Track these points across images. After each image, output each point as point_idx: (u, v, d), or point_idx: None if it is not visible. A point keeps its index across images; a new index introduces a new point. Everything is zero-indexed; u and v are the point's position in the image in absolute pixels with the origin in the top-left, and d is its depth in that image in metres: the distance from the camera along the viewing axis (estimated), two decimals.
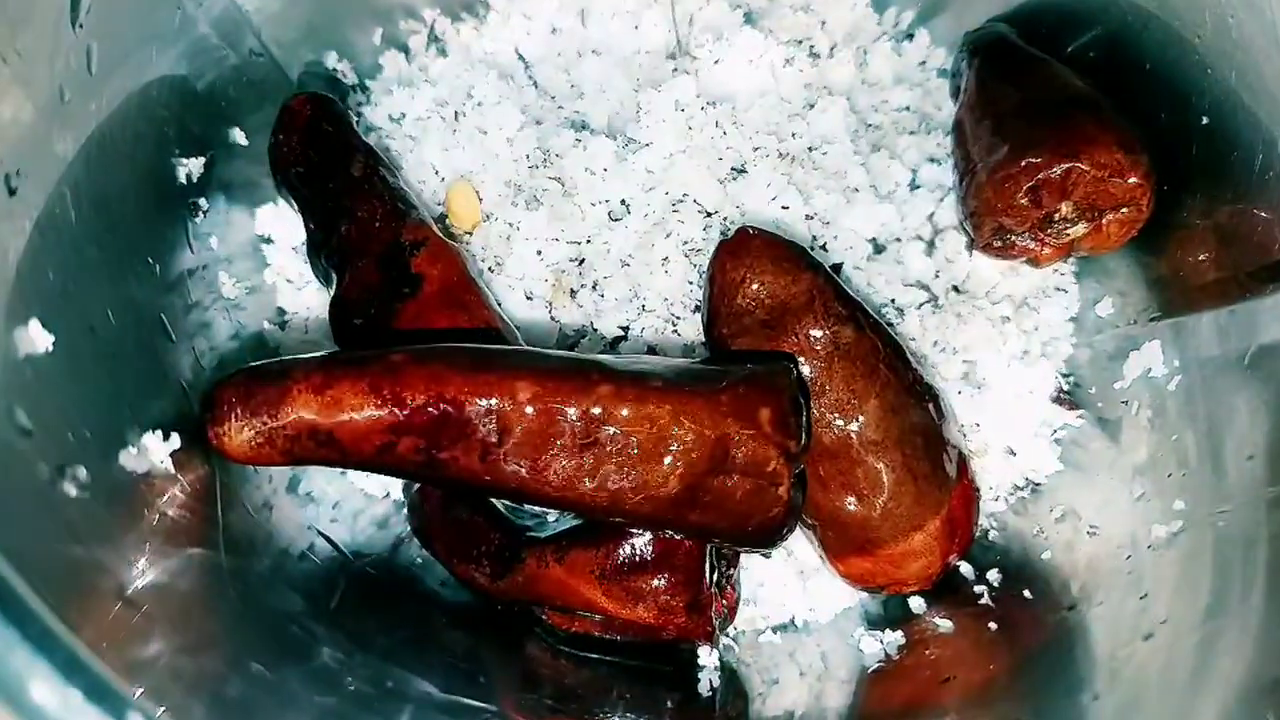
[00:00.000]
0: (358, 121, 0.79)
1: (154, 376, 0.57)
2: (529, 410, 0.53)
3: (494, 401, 0.53)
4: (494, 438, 0.54)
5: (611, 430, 0.54)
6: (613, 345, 0.72)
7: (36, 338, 0.44)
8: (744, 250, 0.63)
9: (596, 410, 0.54)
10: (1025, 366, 0.72)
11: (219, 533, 0.56)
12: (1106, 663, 0.55)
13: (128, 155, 0.58)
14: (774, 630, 0.71)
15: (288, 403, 0.53)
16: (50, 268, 0.48)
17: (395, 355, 0.55)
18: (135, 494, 0.50)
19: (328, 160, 0.69)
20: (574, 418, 0.54)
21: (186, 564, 0.51)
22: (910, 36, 0.84)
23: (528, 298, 0.73)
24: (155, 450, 0.51)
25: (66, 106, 0.51)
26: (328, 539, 0.67)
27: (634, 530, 0.60)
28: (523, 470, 0.54)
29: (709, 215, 0.73)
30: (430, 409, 0.53)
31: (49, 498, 0.42)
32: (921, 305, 0.72)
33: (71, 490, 0.43)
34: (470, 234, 0.75)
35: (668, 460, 0.54)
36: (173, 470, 0.52)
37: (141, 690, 0.38)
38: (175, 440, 0.53)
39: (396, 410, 0.53)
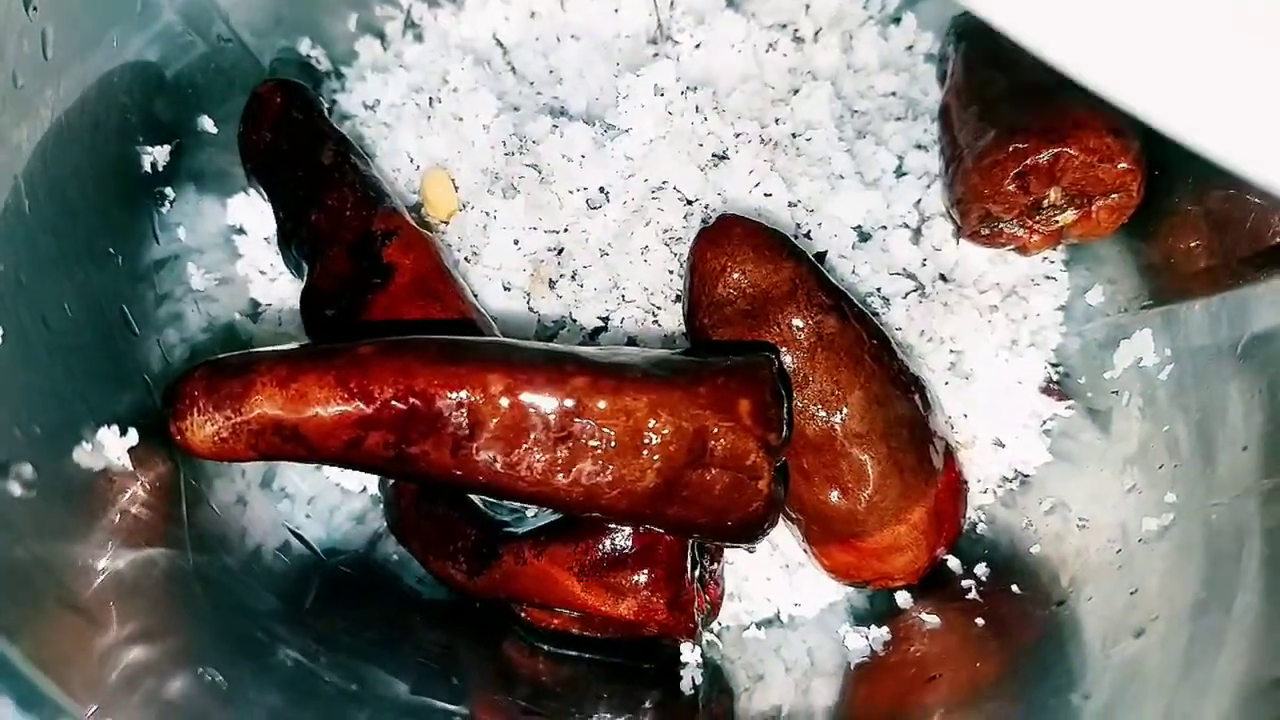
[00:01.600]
0: (331, 109, 0.77)
1: (114, 370, 0.55)
2: (502, 403, 0.52)
3: (465, 394, 0.52)
4: (465, 431, 0.52)
5: (587, 423, 0.52)
6: (592, 336, 0.71)
7: None
8: (725, 238, 0.61)
9: (571, 403, 0.52)
10: (1014, 356, 0.70)
11: (184, 531, 0.54)
12: (1097, 660, 0.53)
13: (87, 143, 0.57)
14: (758, 625, 0.70)
15: (252, 396, 0.52)
16: (1, 259, 0.46)
17: (363, 347, 0.53)
18: (90, 493, 0.48)
19: (297, 148, 0.68)
20: (548, 410, 0.52)
21: (147, 566, 0.49)
22: (897, 20, 0.82)
23: (505, 288, 0.71)
24: (112, 446, 0.50)
25: (20, 92, 0.49)
26: (300, 538, 0.65)
27: (614, 525, 0.58)
28: (496, 464, 0.53)
29: (690, 203, 0.71)
30: (398, 403, 0.52)
31: None
32: (907, 294, 0.71)
33: (15, 489, 0.41)
34: (446, 223, 0.74)
35: (645, 454, 0.52)
36: (131, 467, 0.51)
37: (96, 708, 0.36)
38: (133, 436, 0.51)
39: (364, 404, 0.52)
